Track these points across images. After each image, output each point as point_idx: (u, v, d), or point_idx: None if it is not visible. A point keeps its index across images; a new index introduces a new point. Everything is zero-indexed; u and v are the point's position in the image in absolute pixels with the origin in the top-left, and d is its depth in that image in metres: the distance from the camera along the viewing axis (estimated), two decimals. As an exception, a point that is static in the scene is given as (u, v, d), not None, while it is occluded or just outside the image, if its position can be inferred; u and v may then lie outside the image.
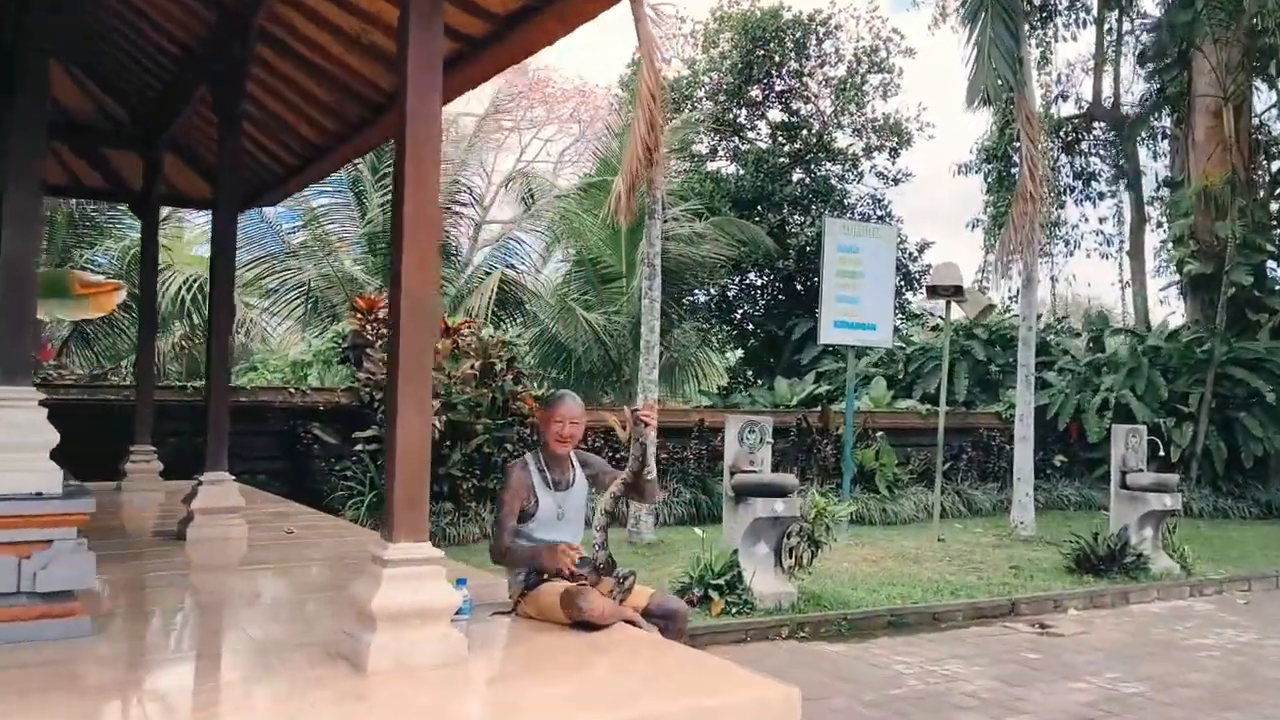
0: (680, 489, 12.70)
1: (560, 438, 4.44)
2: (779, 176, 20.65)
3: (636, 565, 9.65)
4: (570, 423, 4.44)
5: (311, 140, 8.20)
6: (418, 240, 3.67)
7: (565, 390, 4.82)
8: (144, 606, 4.61)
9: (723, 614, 7.67)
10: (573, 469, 4.58)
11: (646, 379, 10.66)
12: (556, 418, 4.43)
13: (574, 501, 4.53)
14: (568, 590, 4.19)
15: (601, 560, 4.42)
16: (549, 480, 4.48)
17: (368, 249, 14.93)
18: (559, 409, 4.44)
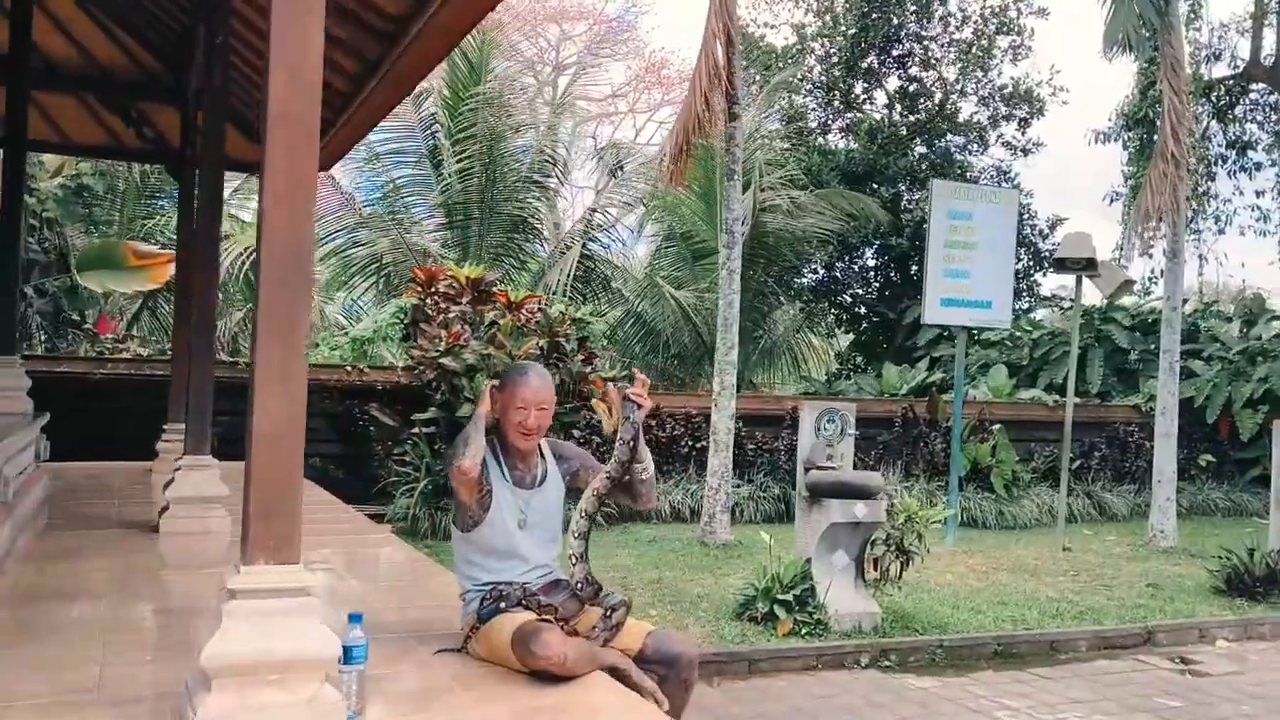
0: (767, 483, 11.52)
1: (523, 430, 3.38)
2: (895, 149, 19.10)
3: (703, 570, 8.59)
4: (537, 409, 3.37)
5: (339, 89, 7.34)
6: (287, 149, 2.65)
7: (529, 363, 3.74)
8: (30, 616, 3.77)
9: (791, 635, 6.51)
10: (542, 463, 3.52)
11: (724, 360, 9.52)
12: (517, 402, 3.36)
13: (542, 504, 3.47)
14: (519, 628, 3.14)
15: (579, 580, 3.36)
16: (507, 473, 3.43)
17: (445, 221, 14.18)
18: (519, 390, 3.37)
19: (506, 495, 3.38)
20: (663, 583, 7.89)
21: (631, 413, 3.34)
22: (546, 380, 3.42)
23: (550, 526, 3.47)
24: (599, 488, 3.38)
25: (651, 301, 14.71)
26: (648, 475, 3.45)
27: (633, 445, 3.34)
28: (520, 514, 3.41)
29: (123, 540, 5.47)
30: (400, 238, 13.48)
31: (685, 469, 11.39)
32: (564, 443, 3.69)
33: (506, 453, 3.42)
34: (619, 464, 3.35)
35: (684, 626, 6.66)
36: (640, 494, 3.46)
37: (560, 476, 3.53)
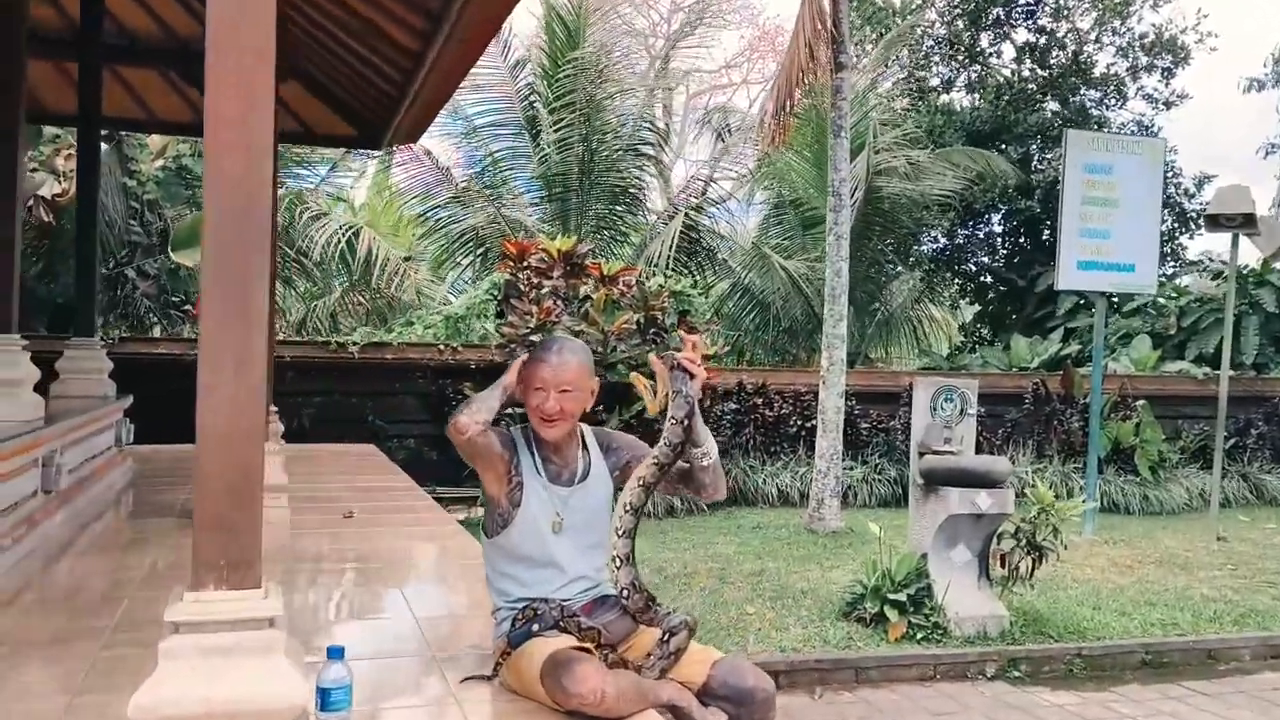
0: (883, 465, 10.74)
1: (544, 416, 2.80)
2: (1024, 106, 17.79)
3: (809, 560, 7.92)
4: (558, 391, 2.78)
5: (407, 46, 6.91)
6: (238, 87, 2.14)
7: (560, 337, 3.15)
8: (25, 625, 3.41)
9: (904, 639, 5.83)
10: (584, 455, 2.95)
11: (832, 333, 8.79)
12: (535, 382, 2.79)
13: (583, 503, 2.89)
14: (551, 657, 2.60)
15: (624, 587, 2.79)
16: (541, 467, 2.87)
17: (544, 193, 13.74)
18: (536, 367, 2.80)
19: (539, 492, 2.83)
20: (764, 575, 7.28)
21: (683, 385, 2.74)
22: (575, 357, 2.83)
23: (594, 531, 2.90)
24: (645, 476, 2.79)
25: (760, 273, 13.98)
26: (710, 461, 2.85)
27: (687, 425, 2.74)
28: (556, 515, 2.84)
29: (178, 531, 5.15)
30: (497, 212, 13.09)
31: (794, 450, 10.71)
32: (614, 431, 3.11)
33: (540, 443, 2.87)
34: (670, 447, 2.75)
35: (784, 627, 6.05)
36: (703, 483, 2.87)
37: (607, 471, 2.96)
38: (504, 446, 2.79)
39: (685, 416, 2.74)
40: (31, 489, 4.76)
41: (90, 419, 6.13)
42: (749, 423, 10.60)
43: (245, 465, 2.10)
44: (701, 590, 6.84)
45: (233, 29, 2.11)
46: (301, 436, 9.95)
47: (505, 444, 2.81)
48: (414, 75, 7.24)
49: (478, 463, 2.76)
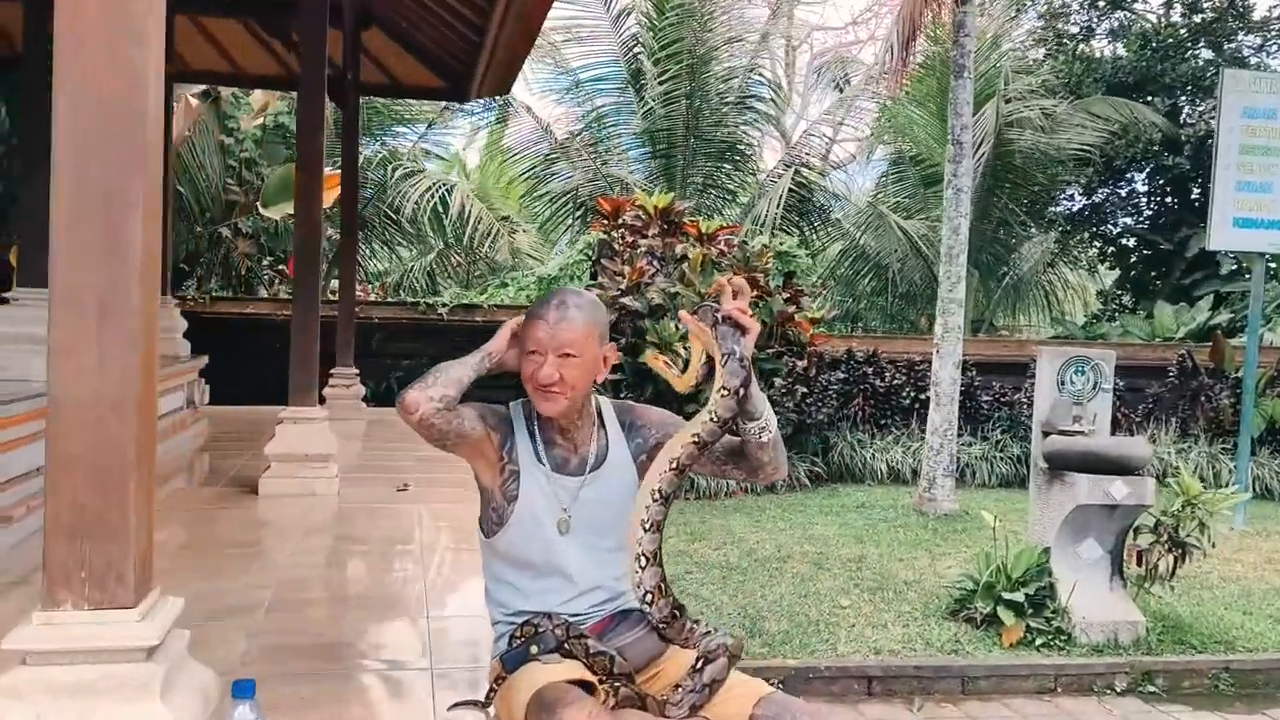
0: (1005, 442, 9.85)
1: (540, 387, 2.21)
2: (1173, 54, 16.26)
3: (917, 547, 7.17)
4: (556, 355, 2.19)
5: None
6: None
7: (566, 289, 2.55)
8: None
9: (1021, 645, 5.12)
10: (599, 435, 2.35)
11: (948, 297, 7.98)
12: (530, 344, 2.20)
13: (598, 496, 2.29)
14: (538, 693, 2.05)
15: (648, 591, 2.20)
16: (543, 453, 2.30)
17: (647, 149, 13.15)
18: (533, 327, 2.21)
19: (540, 483, 2.26)
20: (864, 562, 6.61)
21: (735, 344, 2.12)
22: (581, 314, 2.22)
23: (612, 532, 2.31)
24: (680, 456, 2.15)
25: (876, 233, 13.11)
26: (770, 435, 2.21)
27: (742, 394, 2.13)
28: (562, 512, 2.27)
29: (216, 502, 4.84)
30: (599, 170, 12.58)
31: (906, 424, 9.93)
32: (639, 405, 2.50)
33: (543, 423, 2.31)
34: (717, 423, 2.12)
35: (882, 624, 5.40)
36: (761, 462, 2.25)
37: (630, 456, 2.36)
38: (489, 426, 2.24)
39: (741, 384, 2.12)
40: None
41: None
42: (858, 393, 9.87)
43: (115, 444, 1.61)
44: (794, 577, 6.23)
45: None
46: (390, 400, 9.71)
47: (493, 423, 2.25)
48: (490, 17, 6.77)
49: (452, 450, 2.23)
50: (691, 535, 7.18)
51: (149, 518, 1.69)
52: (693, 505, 8.26)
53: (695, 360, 2.22)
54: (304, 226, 5.12)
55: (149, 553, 1.69)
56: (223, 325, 9.52)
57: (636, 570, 2.21)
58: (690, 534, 7.21)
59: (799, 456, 9.17)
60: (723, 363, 2.13)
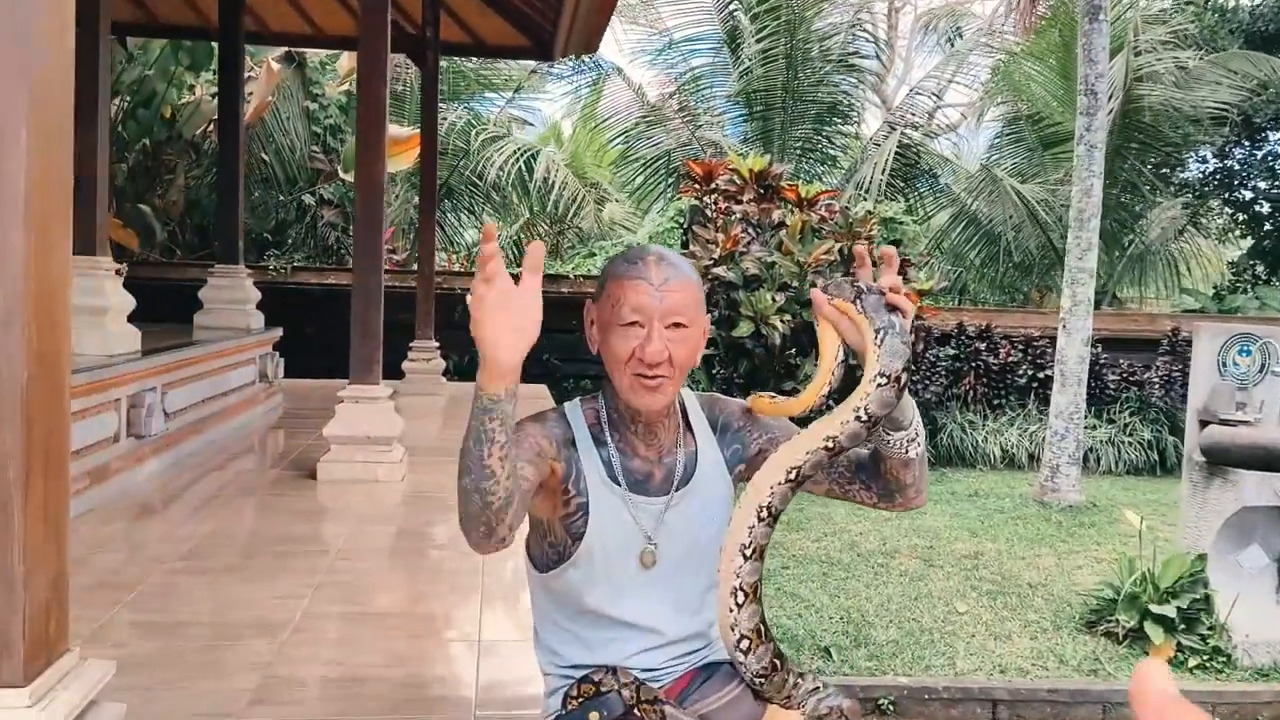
0: (1134, 425, 9.02)
1: (642, 368, 1.60)
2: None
3: (1040, 543, 6.46)
4: (666, 324, 1.60)
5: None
6: None
7: (648, 245, 1.95)
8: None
9: (1171, 666, 4.44)
10: (685, 440, 1.78)
11: (1077, 267, 7.19)
12: (626, 312, 1.58)
13: (688, 517, 1.73)
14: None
15: (747, 635, 1.65)
16: (618, 467, 1.73)
17: (743, 111, 12.49)
18: (629, 290, 1.59)
19: (616, 510, 1.69)
20: (981, 560, 5.97)
21: (892, 326, 1.55)
22: (684, 273, 1.65)
23: (703, 563, 1.75)
24: (803, 465, 1.56)
25: (988, 199, 12.22)
26: (918, 451, 1.63)
27: (903, 380, 1.53)
28: (646, 542, 1.74)
29: (270, 488, 4.47)
30: (693, 134, 11.98)
31: (1022, 404, 9.16)
32: (729, 399, 1.92)
33: (618, 425, 1.74)
34: (867, 419, 1.52)
35: (1006, 635, 4.79)
36: (902, 484, 1.66)
37: (724, 464, 1.80)
38: (550, 459, 1.64)
39: (904, 369, 1.55)
40: (107, 434, 4.15)
41: (213, 352, 5.56)
42: (969, 371, 9.13)
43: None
44: (902, 575, 5.64)
45: None
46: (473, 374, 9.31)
47: (553, 452, 1.65)
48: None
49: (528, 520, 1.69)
50: (787, 525, 6.63)
51: (56, 557, 1.23)
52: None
53: (827, 357, 1.64)
54: (365, 185, 4.69)
55: (54, 606, 1.22)
56: (304, 296, 9.27)
57: (731, 609, 1.65)
58: (786, 523, 6.65)
59: (905, 439, 8.51)
60: (877, 340, 1.54)
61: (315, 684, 2.30)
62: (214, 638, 2.59)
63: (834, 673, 4.36)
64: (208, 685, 2.28)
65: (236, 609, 2.82)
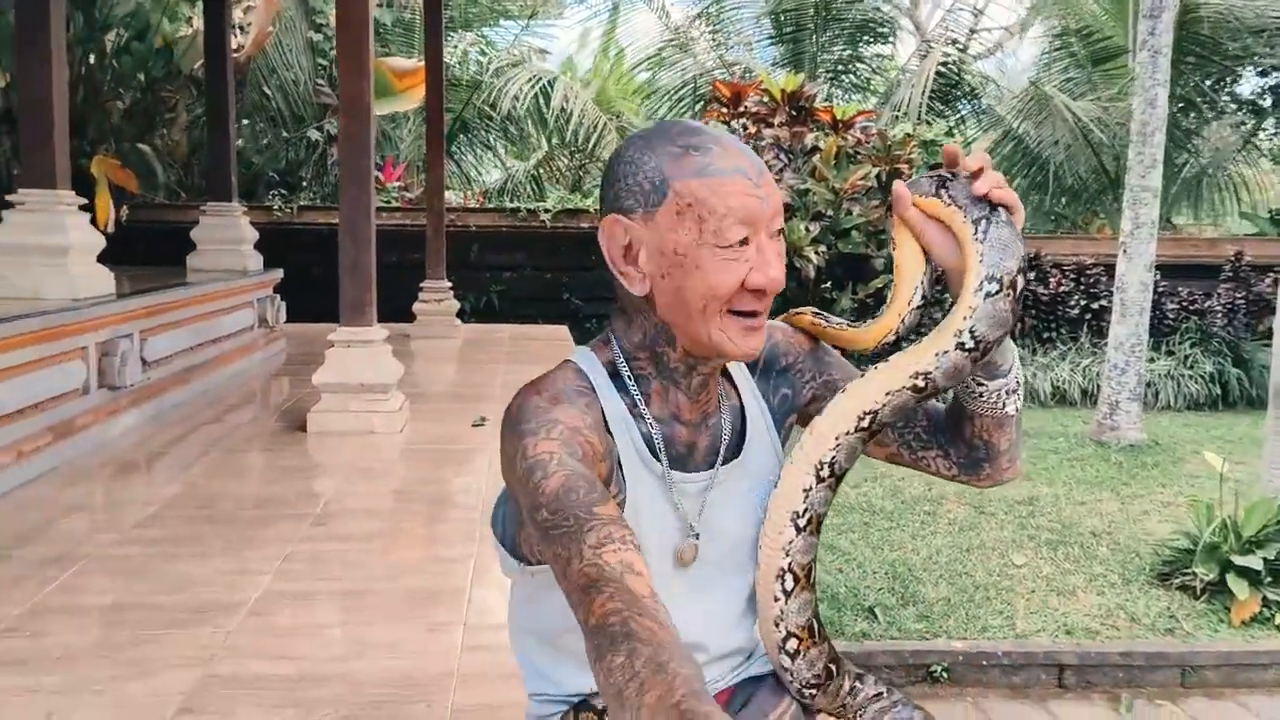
0: (1195, 357, 8.45)
1: (757, 302, 1.11)
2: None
3: (1100, 485, 5.95)
4: (773, 235, 1.10)
5: None
6: None
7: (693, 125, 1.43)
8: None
9: (1256, 622, 3.99)
10: (727, 395, 1.27)
11: (1139, 185, 6.59)
12: (734, 209, 1.07)
13: (734, 498, 1.23)
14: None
15: (795, 631, 1.21)
16: (657, 440, 1.21)
17: (773, 33, 11.83)
18: (726, 188, 1.07)
19: (652, 495, 1.20)
20: (1037, 505, 5.50)
21: (996, 214, 1.08)
22: (749, 151, 1.15)
23: (749, 556, 1.26)
24: (882, 408, 1.14)
25: (1035, 121, 11.52)
26: (1017, 406, 1.19)
27: (1016, 292, 1.08)
28: (688, 534, 1.24)
29: (255, 442, 4.07)
30: (720, 58, 11.36)
31: (1074, 337, 8.61)
32: (772, 323, 1.43)
33: (661, 389, 1.21)
34: (974, 346, 1.08)
35: (1069, 590, 4.34)
36: (995, 449, 1.22)
37: (770, 417, 1.31)
38: (599, 437, 1.13)
39: (1018, 272, 1.06)
40: (73, 385, 3.77)
41: (199, 295, 5.16)
42: (1017, 302, 8.56)
43: None
44: (951, 524, 5.20)
45: None
46: (490, 315, 8.93)
47: (596, 429, 1.14)
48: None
49: None
50: (825, 469, 6.19)
51: None
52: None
53: (907, 277, 1.17)
54: (349, 110, 4.20)
55: None
56: (312, 236, 8.87)
57: (777, 597, 1.20)
58: (823, 468, 6.22)
59: (949, 376, 8.01)
60: (977, 234, 1.07)
61: (260, 684, 1.90)
62: (153, 625, 2.20)
63: (880, 636, 3.94)
64: (133, 687, 1.89)
65: (187, 587, 2.43)
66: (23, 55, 3.92)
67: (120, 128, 8.94)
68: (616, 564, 0.98)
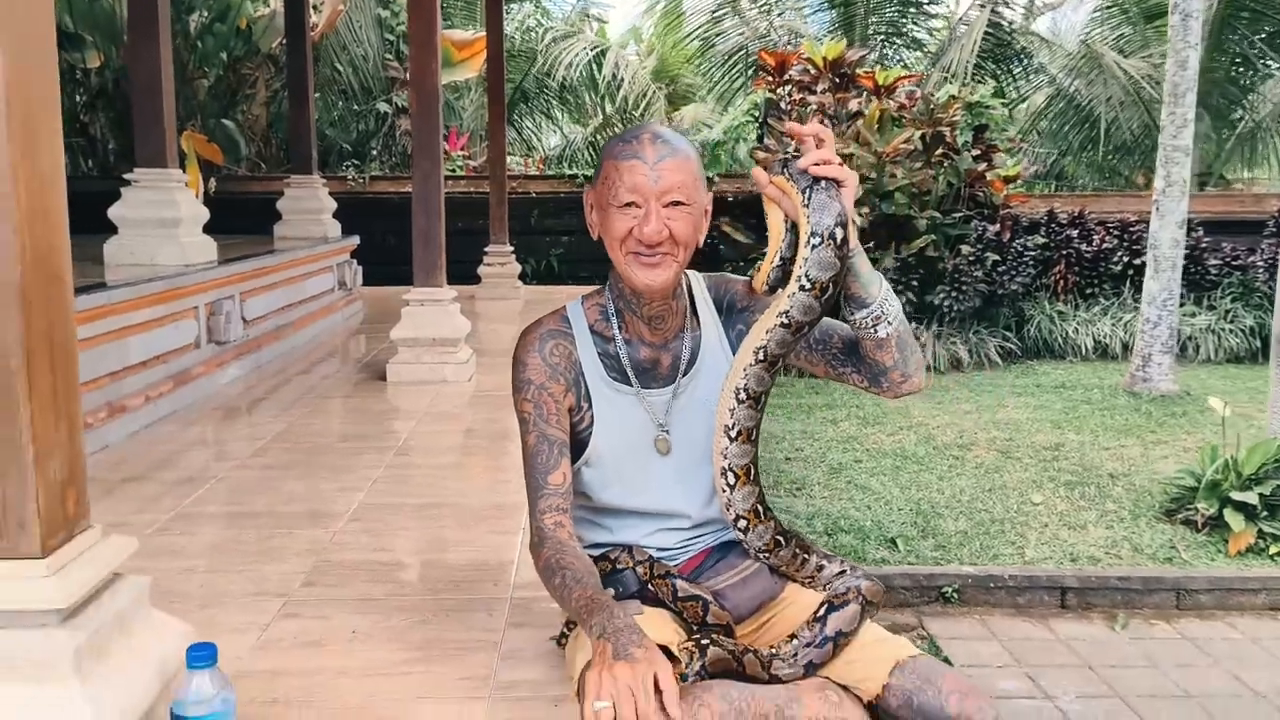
0: (1236, 311, 8.63)
1: (643, 250, 1.64)
2: None
3: (1127, 433, 6.27)
4: (663, 203, 1.61)
5: None
6: None
7: (643, 123, 1.93)
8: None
9: (1250, 553, 4.34)
10: (690, 323, 1.80)
11: (1171, 145, 6.82)
12: (623, 192, 1.61)
13: (697, 403, 1.76)
14: (583, 673, 1.59)
15: (743, 515, 1.68)
16: (619, 361, 1.77)
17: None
18: (624, 171, 1.61)
19: (623, 410, 1.75)
20: (1062, 451, 5.86)
21: (829, 197, 1.51)
22: (684, 148, 1.65)
23: (711, 444, 1.79)
24: (767, 344, 1.59)
25: (1087, 79, 11.63)
26: (890, 330, 1.61)
27: (842, 259, 1.51)
28: (659, 431, 1.77)
29: (342, 389, 4.62)
30: (770, 24, 11.61)
31: (1117, 292, 8.83)
32: (731, 276, 1.89)
33: (624, 318, 1.77)
34: (812, 298, 1.53)
35: (1080, 525, 4.72)
36: (881, 365, 1.65)
37: (728, 342, 1.80)
38: (561, 381, 1.74)
39: (836, 225, 1.49)
40: (188, 340, 4.33)
41: (287, 261, 5.71)
42: (1059, 259, 8.81)
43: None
44: (977, 468, 5.57)
45: None
46: (550, 278, 9.42)
47: (565, 380, 1.74)
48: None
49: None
50: (864, 419, 6.59)
51: (68, 443, 1.30)
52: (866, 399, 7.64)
53: (774, 235, 1.62)
54: (419, 87, 4.69)
55: (70, 487, 1.30)
56: (384, 205, 9.42)
57: (723, 489, 1.68)
58: (863, 418, 6.62)
59: (989, 331, 8.32)
60: (804, 200, 1.50)
61: (363, 567, 2.40)
62: (275, 527, 2.72)
63: (899, 562, 4.37)
64: (268, 569, 2.41)
65: (297, 501, 2.95)
66: (135, 44, 4.45)
67: (205, 104, 9.57)
68: (552, 525, 1.65)
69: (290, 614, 2.14)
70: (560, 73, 10.33)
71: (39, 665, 1.23)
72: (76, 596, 1.28)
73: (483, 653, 1.97)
